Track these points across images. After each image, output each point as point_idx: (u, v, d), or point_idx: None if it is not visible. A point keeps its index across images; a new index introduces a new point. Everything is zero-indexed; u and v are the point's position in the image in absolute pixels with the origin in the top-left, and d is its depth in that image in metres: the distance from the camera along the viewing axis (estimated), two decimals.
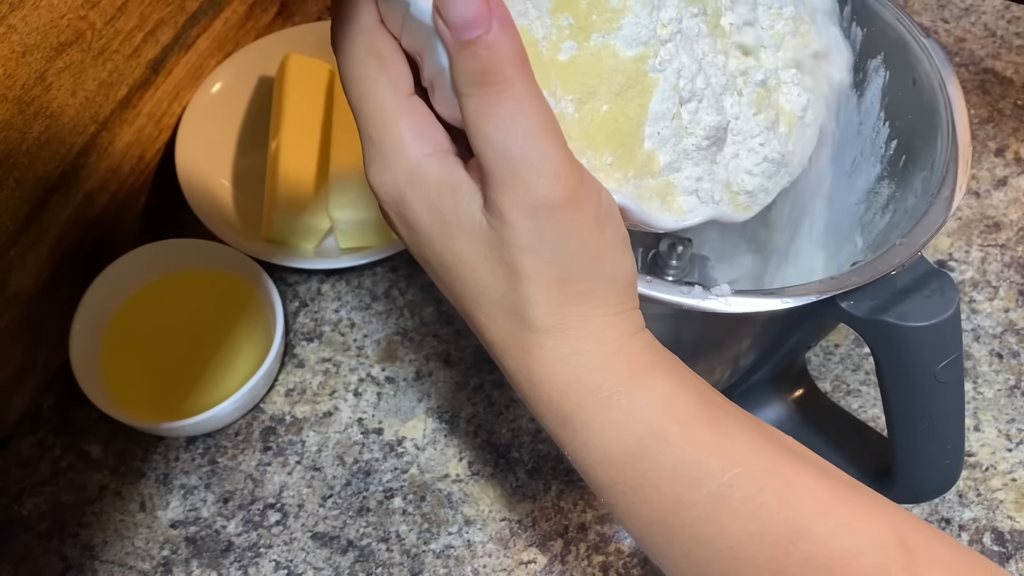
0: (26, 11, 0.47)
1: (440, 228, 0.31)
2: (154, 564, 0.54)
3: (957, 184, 0.41)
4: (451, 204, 0.30)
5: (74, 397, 0.57)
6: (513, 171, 0.28)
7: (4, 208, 0.51)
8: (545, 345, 0.31)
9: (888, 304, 0.39)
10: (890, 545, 0.30)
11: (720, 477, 0.30)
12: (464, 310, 0.32)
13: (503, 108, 0.28)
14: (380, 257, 0.61)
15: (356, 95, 0.31)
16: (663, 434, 0.30)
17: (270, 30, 0.71)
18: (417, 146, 0.30)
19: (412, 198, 0.31)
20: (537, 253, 0.29)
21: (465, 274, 0.31)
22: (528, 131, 0.29)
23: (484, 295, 0.31)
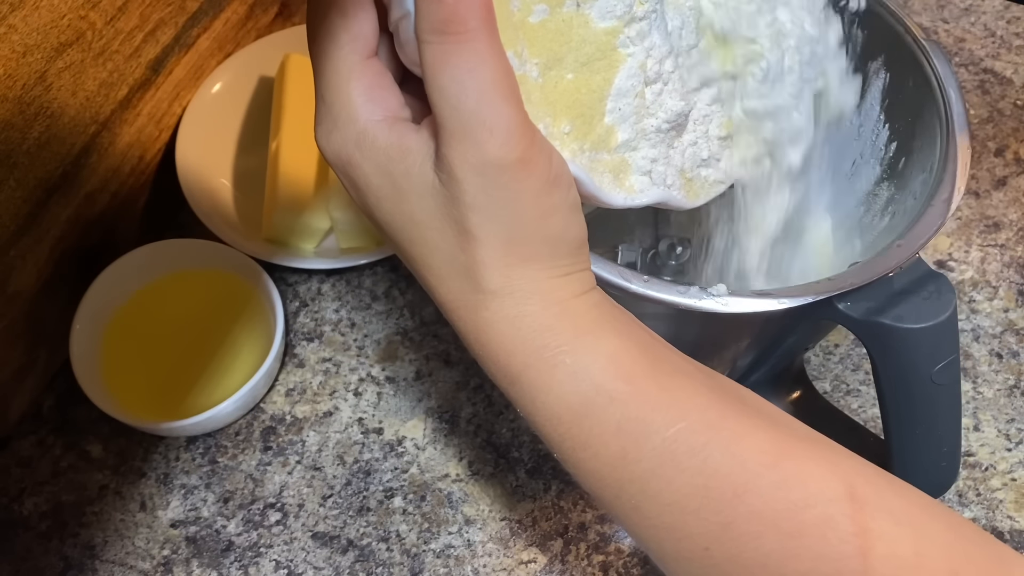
0: (26, 11, 0.47)
1: (390, 190, 0.31)
2: (154, 564, 0.54)
3: (955, 187, 0.41)
4: (402, 168, 0.30)
5: (74, 397, 0.57)
6: (465, 126, 0.28)
7: (5, 208, 0.51)
8: (492, 306, 0.31)
9: (885, 306, 0.39)
10: (838, 497, 0.30)
11: (664, 432, 0.30)
12: (416, 271, 0.33)
13: (461, 60, 0.28)
14: (380, 257, 0.61)
15: (315, 52, 0.31)
16: (608, 391, 0.31)
17: (270, 30, 0.71)
18: (367, 110, 0.30)
19: (360, 160, 0.31)
20: (484, 212, 0.29)
21: (415, 234, 0.31)
22: (484, 87, 0.28)
23: (433, 255, 0.31)
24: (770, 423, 0.32)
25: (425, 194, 0.30)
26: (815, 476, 0.30)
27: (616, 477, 0.31)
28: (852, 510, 0.30)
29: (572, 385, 0.31)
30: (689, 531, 0.31)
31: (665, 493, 0.31)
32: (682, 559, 0.31)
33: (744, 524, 0.30)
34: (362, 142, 0.30)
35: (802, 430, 0.32)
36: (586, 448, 0.31)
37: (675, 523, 0.31)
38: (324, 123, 0.31)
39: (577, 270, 0.32)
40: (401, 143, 0.30)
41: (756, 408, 0.32)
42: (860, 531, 0.29)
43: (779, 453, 0.31)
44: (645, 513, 0.31)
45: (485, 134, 0.28)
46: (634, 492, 0.31)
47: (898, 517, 0.30)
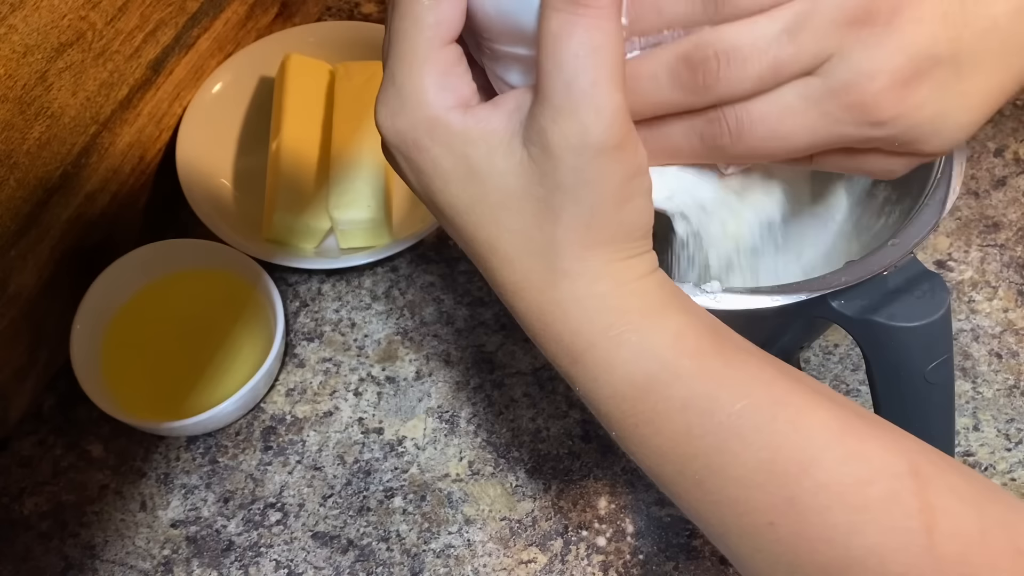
0: (27, 11, 0.48)
1: (464, 173, 0.30)
2: (155, 563, 0.54)
3: (951, 186, 0.41)
4: (483, 149, 0.30)
5: (75, 397, 0.57)
6: (575, 105, 0.28)
7: (5, 208, 0.51)
8: (562, 286, 0.31)
9: (879, 304, 0.39)
10: (902, 473, 0.30)
11: (731, 408, 0.30)
12: (477, 253, 0.32)
13: (588, 36, 0.28)
14: (380, 257, 0.61)
15: (395, 29, 0.30)
16: (674, 368, 0.31)
17: (270, 30, 0.71)
18: (441, 98, 0.30)
19: (429, 145, 0.30)
20: (572, 192, 0.29)
21: (485, 216, 0.31)
22: (602, 69, 0.28)
23: (503, 236, 0.31)
24: (832, 401, 0.32)
25: (508, 172, 0.30)
26: (879, 452, 0.31)
27: (680, 452, 0.31)
28: (917, 487, 0.30)
29: (638, 363, 0.31)
30: (754, 505, 0.31)
31: (730, 468, 0.31)
32: (745, 534, 0.31)
33: (810, 498, 0.30)
34: (434, 128, 0.30)
35: (861, 410, 0.32)
36: (650, 424, 0.31)
37: (739, 497, 0.31)
38: (390, 104, 0.31)
39: (644, 251, 0.32)
40: (480, 126, 0.30)
41: (816, 387, 0.32)
42: (925, 507, 0.30)
43: (843, 429, 0.31)
44: (708, 488, 0.31)
45: (592, 116, 0.28)
46: (698, 467, 0.31)
47: (961, 495, 0.30)
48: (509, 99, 0.30)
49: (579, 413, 0.59)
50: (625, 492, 0.57)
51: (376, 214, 0.61)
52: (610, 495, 0.57)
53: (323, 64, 0.67)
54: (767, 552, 0.31)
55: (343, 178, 0.61)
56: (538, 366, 0.61)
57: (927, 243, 0.65)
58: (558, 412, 0.59)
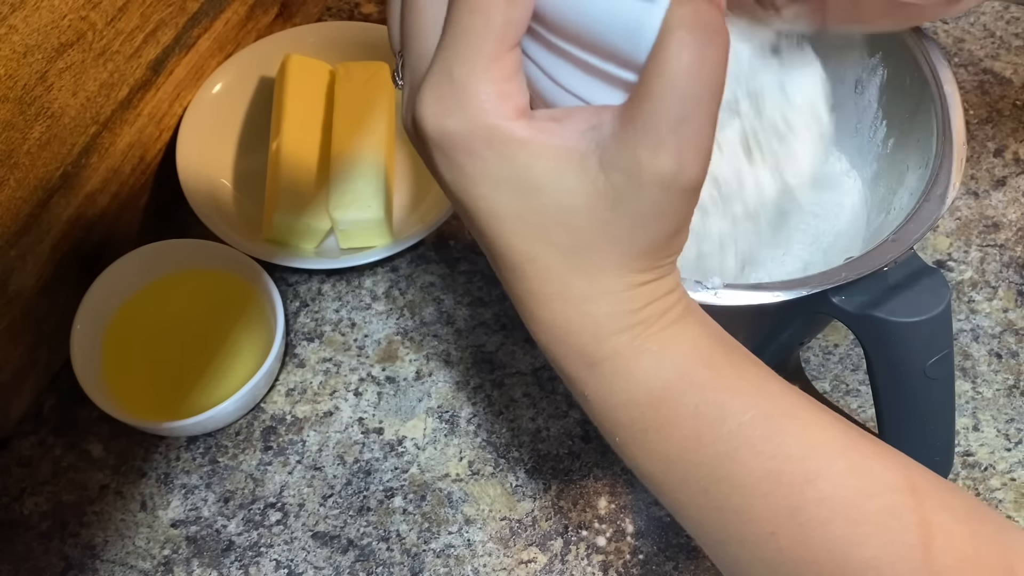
0: (27, 12, 0.48)
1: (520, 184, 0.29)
2: (155, 563, 0.54)
3: (951, 182, 0.41)
4: (551, 165, 0.29)
5: (75, 397, 0.57)
6: (682, 145, 0.27)
7: (5, 208, 0.51)
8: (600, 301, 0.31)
9: (879, 300, 0.40)
10: (901, 489, 0.31)
11: (741, 416, 0.31)
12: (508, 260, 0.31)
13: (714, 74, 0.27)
14: (380, 257, 0.61)
15: (461, 22, 0.28)
16: (689, 376, 0.31)
17: (271, 31, 0.71)
18: (502, 106, 0.29)
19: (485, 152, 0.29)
20: (643, 222, 0.29)
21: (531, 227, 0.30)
22: (714, 106, 0.27)
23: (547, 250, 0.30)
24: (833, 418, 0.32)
25: (576, 191, 0.29)
26: (879, 468, 0.31)
27: (687, 459, 0.32)
28: (915, 502, 0.30)
29: (655, 371, 0.31)
30: (757, 514, 0.31)
31: (737, 476, 0.31)
32: (746, 543, 0.32)
33: (813, 509, 0.30)
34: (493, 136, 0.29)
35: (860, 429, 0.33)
36: (660, 430, 0.32)
37: (743, 506, 0.31)
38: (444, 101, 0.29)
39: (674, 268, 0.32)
40: (550, 141, 0.29)
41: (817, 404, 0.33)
42: (922, 522, 0.30)
43: (846, 444, 0.31)
44: (712, 496, 0.32)
45: (693, 158, 0.28)
46: (703, 474, 0.31)
47: (955, 513, 0.31)
48: (580, 117, 0.29)
49: (579, 413, 0.59)
50: (625, 492, 0.57)
51: (376, 214, 0.61)
52: (610, 495, 0.57)
53: (323, 64, 0.67)
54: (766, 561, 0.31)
55: (343, 178, 0.62)
56: (538, 366, 0.61)
57: (927, 243, 0.65)
58: (558, 412, 0.59)
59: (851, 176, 0.51)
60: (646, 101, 0.27)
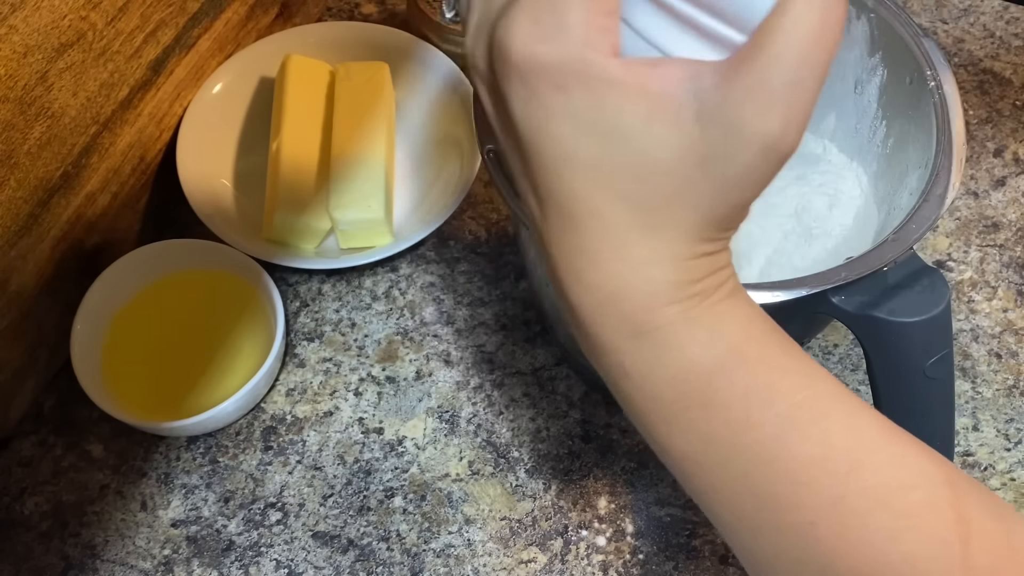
0: (27, 12, 0.48)
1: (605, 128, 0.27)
2: (155, 563, 0.54)
3: (950, 182, 0.41)
4: (643, 112, 0.27)
5: (75, 397, 0.57)
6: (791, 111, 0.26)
7: (5, 208, 0.51)
8: (660, 266, 0.29)
9: (879, 300, 0.40)
10: (940, 482, 0.30)
11: (791, 398, 0.30)
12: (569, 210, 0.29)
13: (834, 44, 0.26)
14: (380, 257, 0.61)
15: None
16: (741, 353, 0.30)
17: (271, 31, 0.71)
18: (603, 40, 0.27)
19: (574, 87, 0.27)
20: (729, 186, 0.28)
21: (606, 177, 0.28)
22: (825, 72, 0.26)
23: (617, 204, 0.28)
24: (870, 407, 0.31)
25: (665, 143, 0.27)
26: (918, 460, 0.30)
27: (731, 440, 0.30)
28: (952, 496, 0.30)
29: (708, 345, 0.29)
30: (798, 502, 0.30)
31: (781, 461, 0.30)
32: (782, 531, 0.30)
33: (855, 499, 0.29)
34: (587, 71, 0.27)
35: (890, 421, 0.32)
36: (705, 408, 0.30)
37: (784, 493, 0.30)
38: (541, 25, 0.27)
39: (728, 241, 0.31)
40: (648, 85, 0.27)
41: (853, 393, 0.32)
42: (960, 518, 0.29)
43: (888, 433, 0.31)
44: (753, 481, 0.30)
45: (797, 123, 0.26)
46: (747, 458, 0.30)
47: (989, 511, 0.31)
48: (677, 65, 0.27)
49: (579, 413, 0.59)
50: (625, 492, 0.57)
51: (376, 214, 0.61)
52: (610, 495, 0.57)
53: (323, 64, 0.67)
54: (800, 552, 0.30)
55: (343, 178, 0.62)
56: (538, 366, 0.61)
57: (926, 243, 0.65)
58: (558, 412, 0.59)
59: (859, 176, 0.51)
60: (761, 58, 0.26)
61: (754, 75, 0.26)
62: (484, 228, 0.66)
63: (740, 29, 0.27)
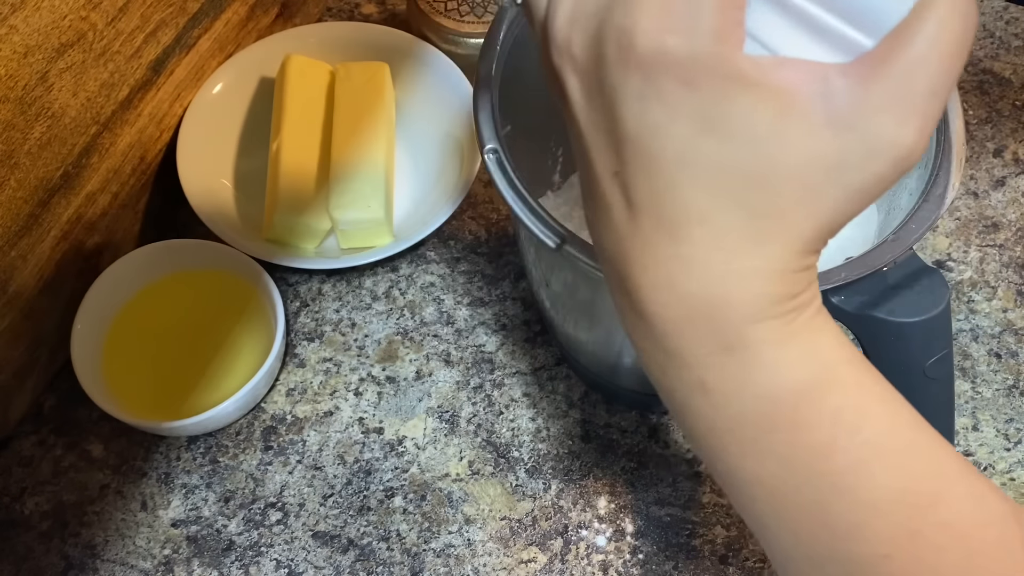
0: (27, 12, 0.48)
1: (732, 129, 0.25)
2: (155, 563, 0.54)
3: (950, 182, 0.41)
4: (773, 112, 0.25)
5: (75, 397, 0.57)
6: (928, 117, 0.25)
7: (6, 208, 0.51)
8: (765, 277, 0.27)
9: (878, 300, 0.40)
10: (1009, 519, 0.29)
11: (878, 425, 0.28)
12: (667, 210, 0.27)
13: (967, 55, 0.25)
14: (380, 257, 0.61)
15: None
16: (836, 373, 0.28)
17: (271, 31, 0.71)
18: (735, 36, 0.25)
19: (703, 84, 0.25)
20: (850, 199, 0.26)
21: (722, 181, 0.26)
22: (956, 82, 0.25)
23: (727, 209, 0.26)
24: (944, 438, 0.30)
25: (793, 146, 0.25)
26: (990, 495, 0.29)
27: (812, 466, 0.28)
28: (1022, 534, 0.29)
29: (802, 363, 0.28)
30: (874, 534, 0.28)
31: (863, 490, 0.28)
32: (853, 563, 0.29)
33: (933, 534, 0.28)
34: (718, 67, 0.25)
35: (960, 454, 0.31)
36: (790, 430, 0.28)
37: (862, 523, 0.28)
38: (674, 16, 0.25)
39: None
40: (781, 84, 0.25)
41: None
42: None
43: (961, 465, 0.29)
44: (830, 510, 0.28)
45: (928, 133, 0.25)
46: (826, 485, 0.28)
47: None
48: (803, 66, 0.25)
49: (579, 413, 0.59)
50: (625, 492, 0.57)
51: (376, 214, 0.61)
52: (610, 495, 0.57)
53: (323, 64, 0.67)
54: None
55: (343, 178, 0.62)
56: (538, 366, 0.61)
57: (926, 243, 0.65)
58: (558, 412, 0.59)
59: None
60: (902, 63, 0.24)
61: (894, 80, 0.24)
62: (484, 228, 0.66)
63: (867, 32, 0.26)
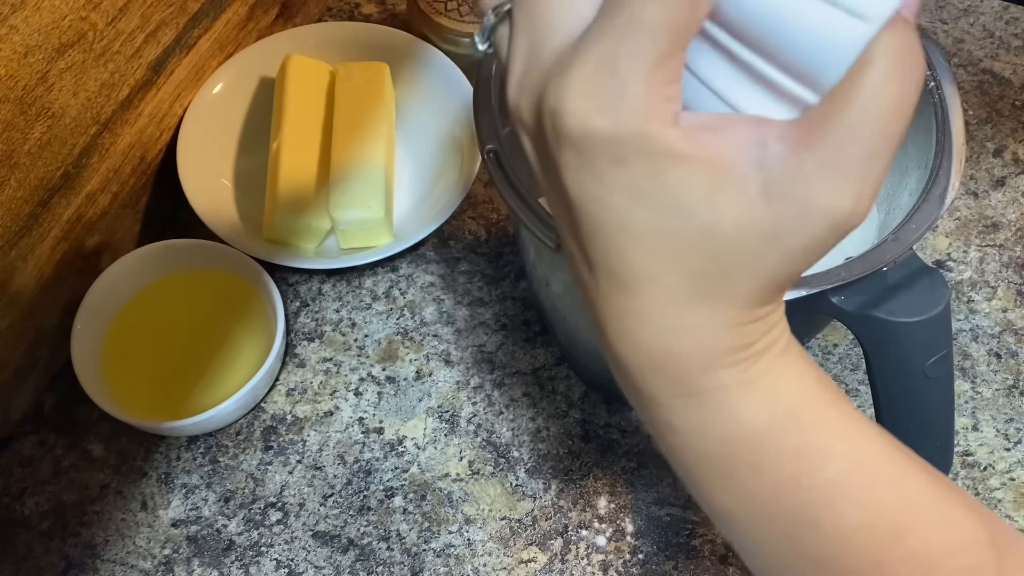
0: (28, 12, 0.48)
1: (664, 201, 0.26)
2: (155, 563, 0.54)
3: (950, 183, 0.41)
4: (705, 185, 0.25)
5: (76, 397, 0.57)
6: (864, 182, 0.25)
7: (6, 208, 0.51)
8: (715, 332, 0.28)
9: (878, 300, 0.40)
10: (983, 545, 0.29)
11: (841, 462, 0.29)
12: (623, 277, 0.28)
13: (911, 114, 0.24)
14: (380, 257, 0.61)
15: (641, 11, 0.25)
16: (795, 415, 0.29)
17: (271, 31, 0.71)
18: (664, 111, 0.25)
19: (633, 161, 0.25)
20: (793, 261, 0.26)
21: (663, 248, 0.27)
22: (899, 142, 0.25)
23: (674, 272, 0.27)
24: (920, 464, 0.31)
25: (727, 217, 0.25)
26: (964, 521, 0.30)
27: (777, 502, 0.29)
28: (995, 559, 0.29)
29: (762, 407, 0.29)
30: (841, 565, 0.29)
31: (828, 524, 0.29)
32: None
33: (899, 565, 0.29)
34: (647, 144, 0.25)
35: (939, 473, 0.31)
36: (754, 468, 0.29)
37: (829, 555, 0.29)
38: (600, 97, 0.25)
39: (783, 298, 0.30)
40: (709, 156, 0.25)
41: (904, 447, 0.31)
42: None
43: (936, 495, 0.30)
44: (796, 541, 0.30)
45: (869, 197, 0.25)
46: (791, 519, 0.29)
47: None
48: (739, 130, 0.26)
49: (579, 413, 0.59)
50: (625, 492, 0.57)
51: (376, 214, 0.61)
52: (610, 495, 0.57)
53: (323, 65, 0.67)
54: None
55: (343, 178, 0.62)
56: (538, 366, 0.61)
57: (926, 243, 0.65)
58: (558, 412, 0.59)
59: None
60: (835, 129, 0.24)
61: (827, 149, 0.24)
62: (484, 228, 0.66)
63: (811, 87, 0.25)
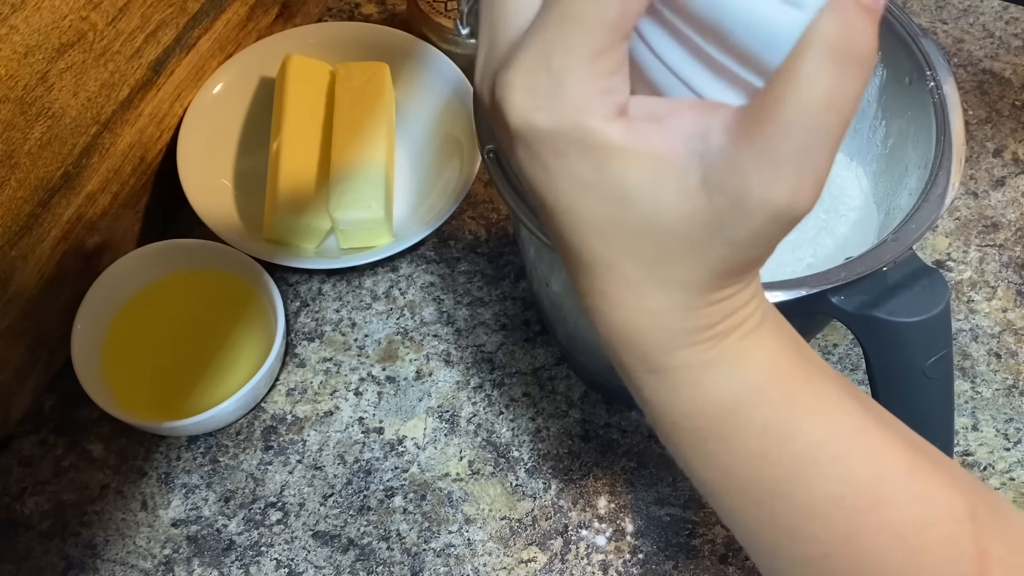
0: (28, 12, 0.48)
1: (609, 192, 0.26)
2: (156, 563, 0.54)
3: (950, 183, 0.41)
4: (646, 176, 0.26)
5: (76, 396, 0.57)
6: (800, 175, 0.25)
7: (6, 208, 0.51)
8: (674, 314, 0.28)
9: (878, 300, 0.40)
10: (962, 516, 0.30)
11: (811, 436, 0.29)
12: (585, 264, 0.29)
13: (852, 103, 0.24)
14: (380, 257, 0.61)
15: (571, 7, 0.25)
16: (761, 392, 0.29)
17: (271, 31, 0.71)
18: (602, 105, 0.25)
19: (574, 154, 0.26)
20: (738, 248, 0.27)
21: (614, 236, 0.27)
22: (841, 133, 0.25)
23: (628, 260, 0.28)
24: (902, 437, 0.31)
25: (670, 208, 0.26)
26: (943, 494, 0.30)
27: (749, 475, 0.30)
28: (973, 530, 0.29)
29: (726, 384, 0.29)
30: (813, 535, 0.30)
31: (799, 496, 0.30)
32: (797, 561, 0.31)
33: (872, 536, 0.29)
34: (585, 138, 0.26)
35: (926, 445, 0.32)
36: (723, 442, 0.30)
37: (801, 526, 0.30)
38: (537, 94, 0.26)
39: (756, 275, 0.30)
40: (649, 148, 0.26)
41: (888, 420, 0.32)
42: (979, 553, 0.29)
43: (912, 467, 0.30)
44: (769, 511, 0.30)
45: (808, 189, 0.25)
46: (763, 491, 0.30)
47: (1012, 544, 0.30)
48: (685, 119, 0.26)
49: (579, 413, 0.59)
50: (625, 491, 0.57)
51: (376, 214, 0.61)
52: (610, 495, 0.57)
53: (323, 65, 0.67)
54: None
55: (343, 178, 0.62)
56: (538, 366, 0.61)
57: (926, 243, 0.65)
58: (558, 412, 0.59)
59: (859, 178, 0.51)
60: (768, 124, 0.24)
61: (761, 143, 0.24)
62: (484, 228, 0.66)
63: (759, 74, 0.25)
